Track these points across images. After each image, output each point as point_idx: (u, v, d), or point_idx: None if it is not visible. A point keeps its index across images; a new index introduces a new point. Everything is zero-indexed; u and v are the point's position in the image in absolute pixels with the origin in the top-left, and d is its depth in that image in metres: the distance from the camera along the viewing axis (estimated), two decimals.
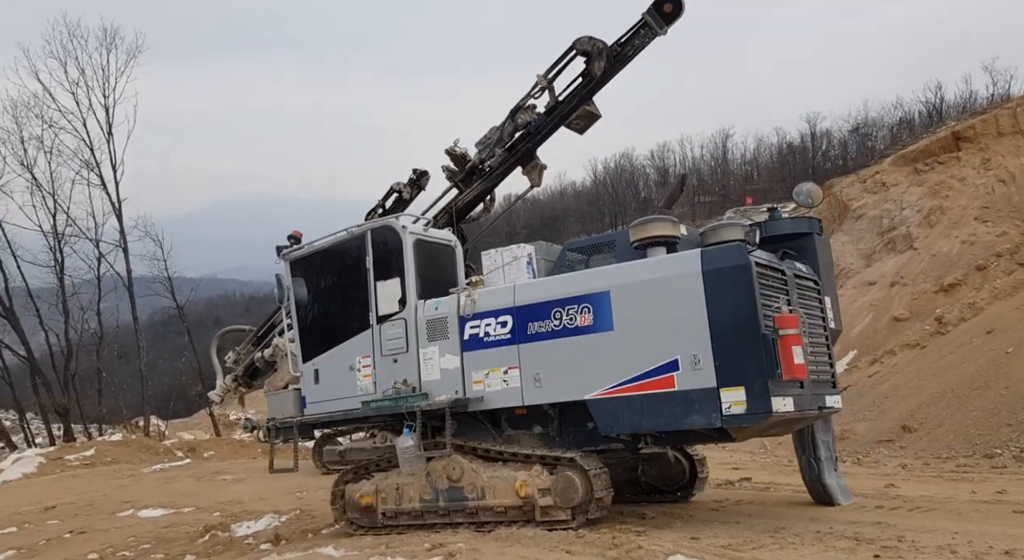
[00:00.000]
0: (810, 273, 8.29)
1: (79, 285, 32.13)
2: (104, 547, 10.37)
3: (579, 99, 9.28)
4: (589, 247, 8.38)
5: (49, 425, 30.57)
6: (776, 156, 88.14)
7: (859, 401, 19.05)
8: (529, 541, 7.03)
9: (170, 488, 15.26)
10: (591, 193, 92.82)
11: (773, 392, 6.75)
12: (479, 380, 7.97)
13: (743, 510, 8.64)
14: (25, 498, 16.12)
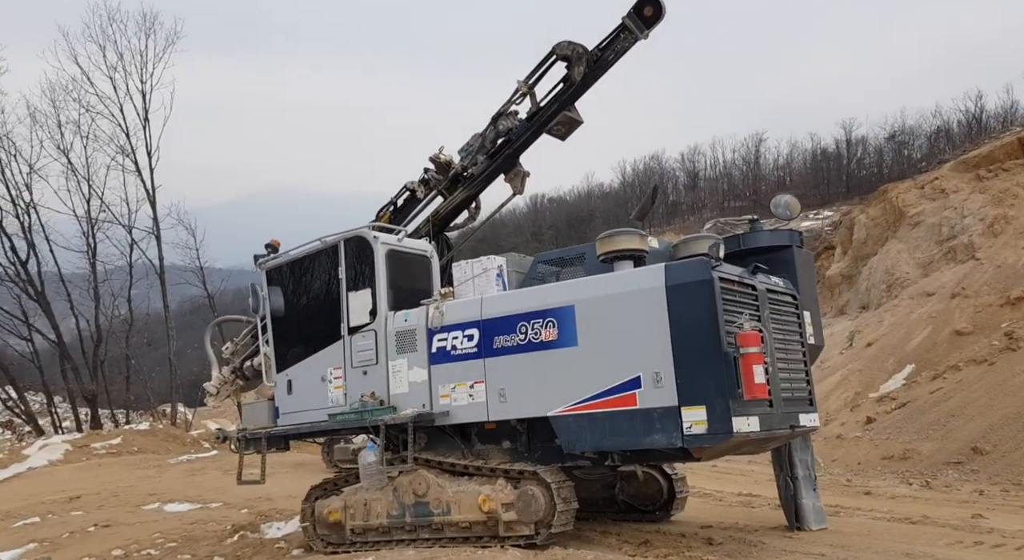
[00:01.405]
0: (787, 287, 8.01)
1: (111, 271, 32.11)
2: (129, 543, 10.17)
3: (559, 105, 9.09)
4: (560, 260, 8.19)
5: (76, 410, 30.68)
6: (809, 162, 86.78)
7: (921, 419, 17.84)
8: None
9: (196, 481, 14.90)
10: (619, 194, 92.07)
11: (735, 412, 6.52)
12: (446, 394, 7.83)
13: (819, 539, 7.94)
14: (50, 486, 16.04)
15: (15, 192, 29.22)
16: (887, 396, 19.92)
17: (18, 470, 19.13)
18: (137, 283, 31.94)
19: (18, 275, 28.97)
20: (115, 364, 31.83)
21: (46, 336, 29.92)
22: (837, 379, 23.17)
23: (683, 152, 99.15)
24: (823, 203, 75.87)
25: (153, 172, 31.11)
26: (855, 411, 20.03)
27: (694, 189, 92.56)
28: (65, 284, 30.31)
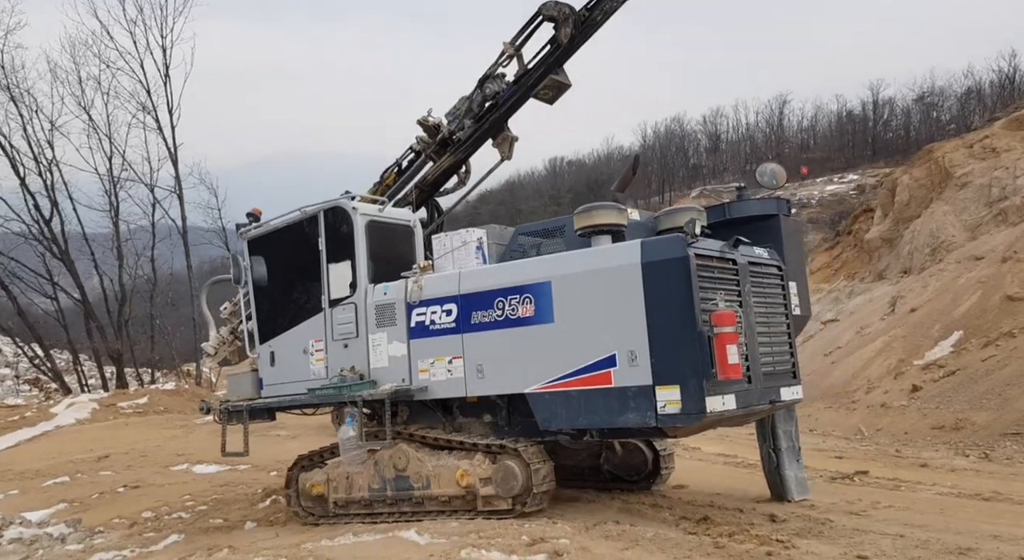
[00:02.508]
0: (772, 258, 7.76)
1: (134, 231, 31.92)
2: (159, 505, 10.17)
3: (546, 68, 8.79)
4: (541, 232, 7.98)
5: (102, 369, 30.92)
6: (835, 124, 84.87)
7: (973, 387, 16.95)
8: (650, 544, 6.31)
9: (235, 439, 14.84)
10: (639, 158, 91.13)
11: (709, 391, 6.38)
12: (425, 369, 7.72)
13: (890, 516, 7.57)
14: (78, 445, 16.05)
15: (37, 149, 28.97)
16: (934, 364, 19.06)
17: (46, 428, 19.09)
18: (160, 243, 31.80)
19: (42, 233, 28.84)
20: (139, 323, 31.81)
21: (71, 294, 29.91)
22: (879, 346, 22.40)
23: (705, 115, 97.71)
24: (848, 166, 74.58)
25: (175, 130, 30.72)
26: (899, 379, 19.31)
27: (715, 152, 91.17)
28: (89, 243, 30.16)
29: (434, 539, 6.41)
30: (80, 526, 9.54)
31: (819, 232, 54.12)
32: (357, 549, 6.37)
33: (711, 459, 11.69)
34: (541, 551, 5.81)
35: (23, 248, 29.21)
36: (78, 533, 9.26)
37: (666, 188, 79.94)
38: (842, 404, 19.74)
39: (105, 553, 7.99)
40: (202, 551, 7.10)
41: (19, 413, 21.33)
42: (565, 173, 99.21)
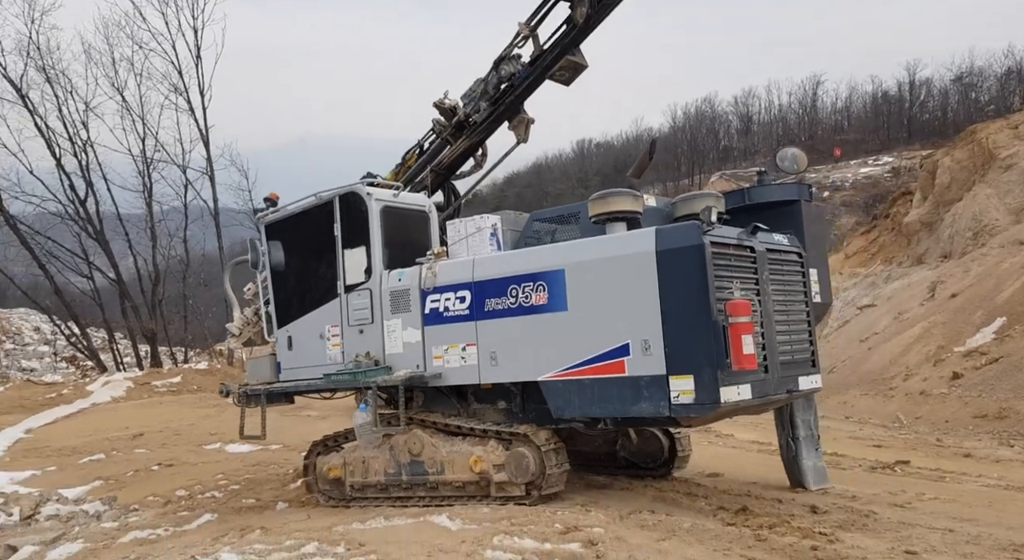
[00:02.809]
0: (792, 245, 7.58)
1: (167, 212, 32.26)
2: (192, 483, 10.27)
3: (562, 48, 8.61)
4: (556, 218, 7.84)
5: (136, 348, 31.31)
6: (870, 105, 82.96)
7: (1017, 376, 16.29)
8: (687, 535, 6.13)
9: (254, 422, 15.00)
10: (668, 139, 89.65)
11: (723, 381, 6.26)
12: (439, 355, 7.67)
13: (937, 509, 7.28)
14: (113, 422, 16.26)
15: (72, 130, 29.19)
16: (976, 351, 18.38)
17: (82, 406, 19.34)
18: (192, 224, 31.96)
19: (77, 213, 29.12)
20: (172, 303, 32.10)
21: (106, 274, 30.20)
22: (918, 332, 21.73)
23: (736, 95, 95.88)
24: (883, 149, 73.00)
25: (206, 111, 30.72)
26: (939, 366, 18.73)
27: (747, 134, 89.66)
28: (123, 223, 30.42)
29: (465, 525, 6.34)
30: (115, 504, 9.69)
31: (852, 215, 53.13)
32: (388, 533, 6.34)
33: (745, 447, 11.47)
34: (575, 540, 5.69)
35: (59, 228, 29.59)
36: (113, 511, 9.40)
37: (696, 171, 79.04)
38: (879, 391, 19.26)
39: (140, 531, 8.06)
40: (235, 531, 7.10)
41: (56, 390, 21.62)
42: (593, 155, 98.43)
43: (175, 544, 6.97)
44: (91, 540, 7.88)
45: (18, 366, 40.67)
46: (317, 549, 5.79)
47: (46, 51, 28.87)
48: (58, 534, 8.27)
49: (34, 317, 49.61)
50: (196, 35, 30.54)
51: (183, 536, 7.73)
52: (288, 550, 5.82)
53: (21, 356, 43.01)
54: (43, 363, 41.94)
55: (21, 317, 49.92)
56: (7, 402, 20.31)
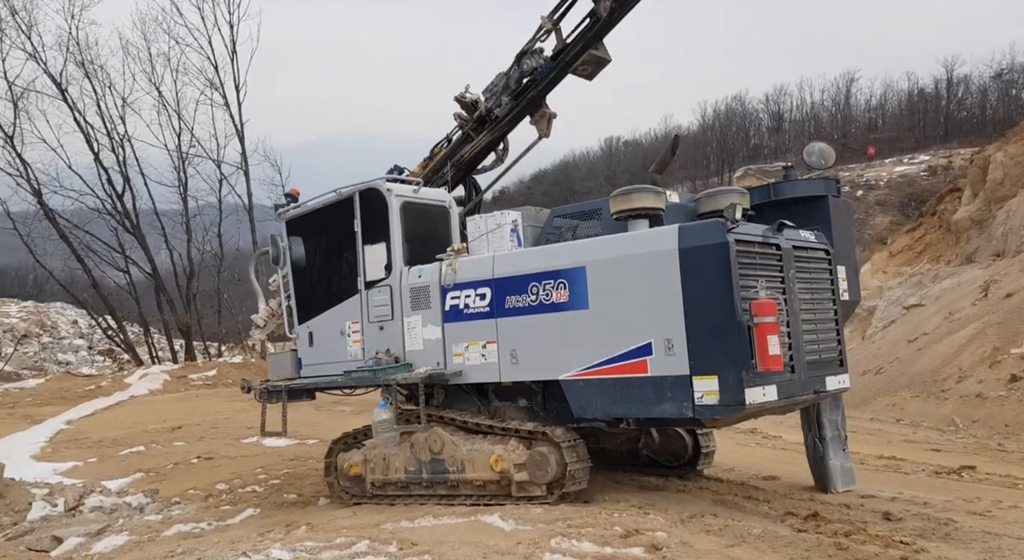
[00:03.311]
0: (820, 241, 7.34)
1: (202, 207, 32.26)
2: (232, 477, 10.22)
3: (585, 42, 8.41)
4: (577, 214, 7.66)
5: (171, 342, 31.43)
6: (905, 103, 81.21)
7: None
8: (759, 542, 5.85)
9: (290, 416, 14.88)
10: (698, 137, 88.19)
11: (748, 383, 6.06)
12: (459, 353, 7.54)
13: (1020, 518, 7.03)
14: (151, 415, 16.30)
15: (110, 125, 29.39)
16: None
17: (121, 398, 19.45)
18: (226, 218, 31.98)
19: (115, 208, 29.30)
20: (206, 297, 32.14)
21: (142, 268, 30.30)
22: (971, 332, 21.13)
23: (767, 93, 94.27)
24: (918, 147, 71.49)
25: (241, 106, 30.69)
26: (995, 368, 18.21)
27: (778, 132, 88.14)
28: (159, 217, 30.49)
29: (519, 525, 6.14)
30: (157, 496, 9.65)
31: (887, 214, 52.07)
32: (440, 532, 6.17)
33: (796, 449, 10.93)
34: (637, 544, 5.45)
35: (95, 223, 29.77)
36: (156, 503, 9.37)
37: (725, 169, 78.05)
38: (931, 393, 18.79)
39: (183, 525, 8.02)
40: (280, 527, 7.01)
41: (95, 383, 21.83)
42: (621, 153, 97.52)
43: (220, 538, 6.87)
44: (136, 533, 7.85)
45: (54, 359, 41.25)
46: (369, 548, 5.64)
47: (85, 46, 29.16)
48: (102, 526, 8.24)
49: (70, 311, 50.34)
50: (232, 30, 30.54)
51: (227, 530, 7.67)
52: (339, 548, 5.69)
53: (57, 349, 43.63)
54: (78, 357, 42.51)
55: (57, 311, 50.68)
56: (47, 394, 20.59)
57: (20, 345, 40.21)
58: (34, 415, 16.98)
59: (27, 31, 27.95)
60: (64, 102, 28.46)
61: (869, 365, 23.67)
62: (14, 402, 19.42)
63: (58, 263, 30.60)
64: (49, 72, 28.24)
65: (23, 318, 46.79)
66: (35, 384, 22.96)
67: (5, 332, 42.80)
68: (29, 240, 28.60)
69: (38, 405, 18.90)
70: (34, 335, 43.98)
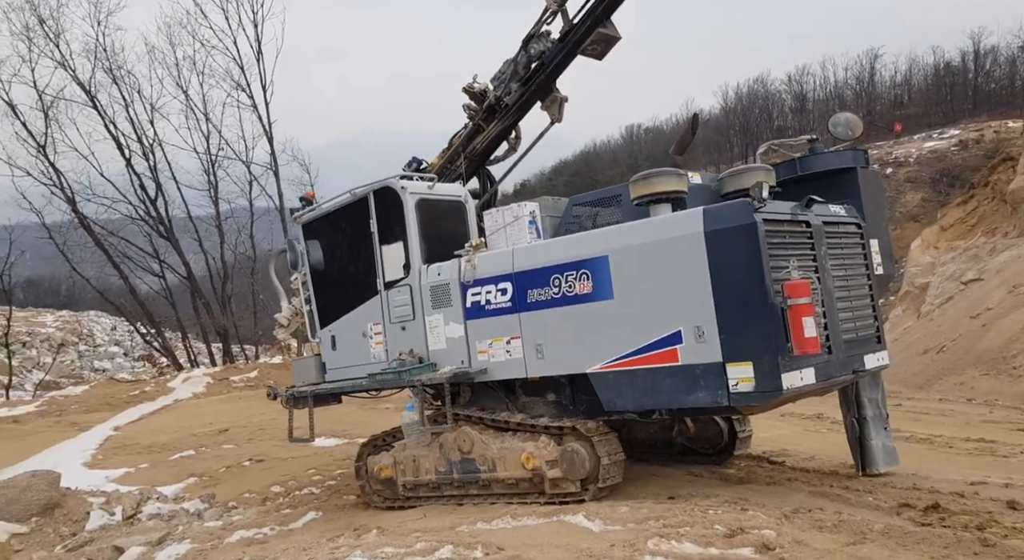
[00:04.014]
0: (850, 215, 7.00)
1: (233, 210, 31.83)
2: (286, 479, 10.01)
3: (593, 20, 8.06)
4: (596, 201, 7.37)
5: (209, 345, 31.24)
6: (931, 78, 79.30)
7: None
8: (884, 538, 5.35)
9: (335, 415, 13.67)
10: (720, 121, 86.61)
11: (785, 367, 5.77)
12: (483, 350, 7.29)
13: None
14: (197, 418, 16.10)
15: (140, 130, 29.16)
16: None
17: (165, 402, 19.29)
18: (257, 220, 31.51)
19: (148, 213, 29.07)
20: (240, 299, 31.88)
21: (176, 272, 30.07)
22: None
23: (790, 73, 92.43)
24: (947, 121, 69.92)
25: (268, 106, 30.05)
26: None
27: (801, 112, 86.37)
28: (193, 221, 30.17)
29: (607, 525, 5.75)
30: (214, 501, 9.46)
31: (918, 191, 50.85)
32: (524, 534, 5.80)
33: None
34: (745, 543, 5.02)
35: (128, 229, 29.63)
36: (214, 509, 9.18)
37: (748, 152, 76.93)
38: (1001, 370, 17.96)
39: (245, 531, 7.81)
40: (348, 532, 6.72)
41: (139, 388, 21.69)
42: (642, 140, 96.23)
43: (288, 544, 6.64)
44: (198, 540, 7.64)
45: (91, 367, 41.59)
46: (453, 553, 5.32)
47: (112, 53, 28.93)
48: (163, 534, 8.06)
49: (105, 319, 50.70)
50: (256, 30, 29.82)
51: (291, 535, 7.45)
52: (421, 554, 5.38)
53: (94, 357, 44.00)
54: (115, 363, 42.82)
55: (92, 319, 51.07)
56: (93, 400, 20.48)
57: (58, 354, 40.57)
58: (81, 422, 16.87)
59: (55, 39, 27.86)
60: (94, 109, 28.30)
61: (930, 343, 22.84)
62: (61, 410, 19.34)
63: (93, 271, 30.56)
64: (78, 79, 28.13)
65: (59, 327, 47.14)
66: (80, 391, 22.96)
67: (43, 342, 43.19)
68: (65, 248, 28.58)
69: (84, 412, 18.78)
70: (70, 344, 44.35)
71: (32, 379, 35.77)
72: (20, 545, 8.39)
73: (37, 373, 37.31)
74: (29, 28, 27.52)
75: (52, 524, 8.82)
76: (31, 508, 8.85)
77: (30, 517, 8.80)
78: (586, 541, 5.38)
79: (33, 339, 42.48)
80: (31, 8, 27.58)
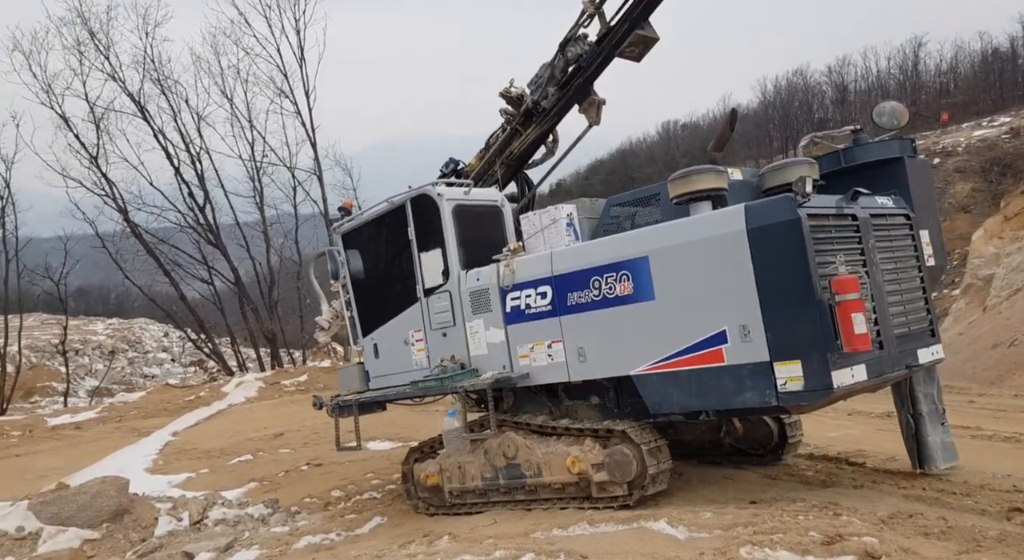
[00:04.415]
0: (898, 207, 6.77)
1: (279, 215, 31.88)
2: (345, 483, 9.98)
3: (631, 23, 7.91)
4: (635, 201, 7.23)
5: (258, 350, 31.20)
6: (978, 65, 76.64)
7: None
8: (1002, 546, 5.00)
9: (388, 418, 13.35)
10: (759, 115, 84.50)
11: (834, 365, 5.60)
12: (525, 354, 7.19)
13: None
14: (251, 423, 16.16)
15: (188, 139, 29.42)
16: None
17: (220, 407, 19.43)
18: (302, 225, 31.45)
19: (197, 221, 29.36)
20: (286, 304, 31.81)
21: (225, 279, 30.25)
22: None
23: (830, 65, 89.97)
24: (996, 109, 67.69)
25: (312, 112, 29.96)
26: None
27: (843, 104, 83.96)
28: (240, 227, 30.32)
29: (693, 532, 5.48)
30: (278, 506, 9.44)
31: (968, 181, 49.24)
32: (606, 542, 5.55)
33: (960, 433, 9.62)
34: (846, 551, 4.75)
35: (177, 237, 29.90)
36: (278, 514, 9.16)
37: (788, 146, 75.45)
38: None
39: (312, 536, 7.78)
40: (419, 538, 6.57)
41: (195, 393, 21.91)
42: (679, 137, 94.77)
43: (359, 551, 6.52)
44: (266, 546, 7.65)
45: (140, 373, 42.33)
46: None
47: (159, 63, 29.24)
48: (230, 539, 8.07)
49: (154, 326, 51.66)
50: (299, 36, 29.76)
51: (359, 541, 7.37)
52: None
53: (143, 363, 44.81)
54: (162, 369, 43.56)
55: (141, 326, 52.04)
56: (150, 406, 20.77)
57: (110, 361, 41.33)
58: (141, 428, 17.13)
59: (105, 52, 28.25)
60: (143, 120, 28.70)
61: (999, 338, 22.02)
62: (120, 416, 19.67)
63: (145, 279, 30.93)
64: (128, 90, 28.47)
65: (109, 335, 48.15)
66: (138, 397, 23.34)
67: (94, 349, 44.11)
68: (118, 257, 29.03)
69: (143, 418, 19.07)
70: (121, 351, 45.25)
71: (85, 386, 36.58)
72: (92, 551, 8.48)
73: (90, 380, 38.15)
74: (80, 42, 28.05)
75: (122, 530, 8.90)
76: (101, 514, 8.94)
77: (101, 523, 8.90)
78: (673, 549, 5.17)
79: (85, 347, 43.39)
80: (82, 22, 28.09)
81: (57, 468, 12.78)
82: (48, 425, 18.51)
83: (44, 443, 16.39)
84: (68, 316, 32.96)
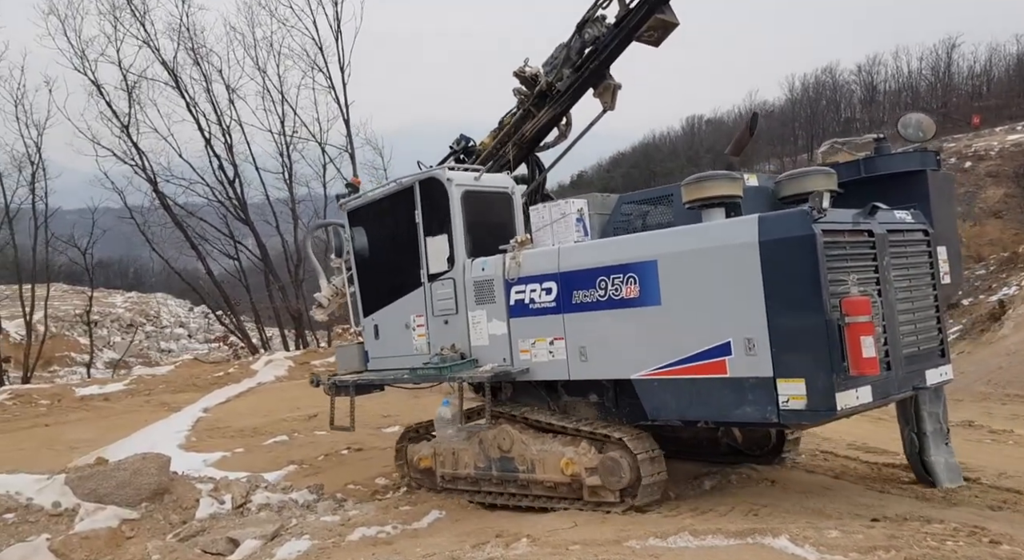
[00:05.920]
0: (917, 222, 6.52)
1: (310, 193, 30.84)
2: (388, 470, 9.32)
3: (650, 6, 7.64)
4: (647, 200, 7.02)
5: (283, 329, 30.51)
6: (1013, 68, 74.14)
7: None
8: None
9: (421, 403, 12.88)
10: (786, 113, 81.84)
11: (839, 387, 5.43)
12: (526, 349, 7.06)
13: None
14: (283, 403, 15.39)
15: (219, 111, 28.65)
16: None
17: (250, 385, 18.63)
18: (331, 203, 31.10)
19: (226, 194, 28.73)
20: (313, 283, 31.43)
21: (252, 255, 29.67)
22: None
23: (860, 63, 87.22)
24: None
25: (346, 87, 28.83)
26: None
27: (871, 104, 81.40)
28: (270, 202, 29.58)
29: (824, 554, 4.79)
30: (323, 493, 8.86)
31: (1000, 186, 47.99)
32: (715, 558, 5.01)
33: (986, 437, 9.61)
34: None
35: (204, 211, 29.35)
36: (325, 501, 8.58)
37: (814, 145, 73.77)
38: None
39: (367, 528, 7.10)
40: (493, 540, 6.02)
41: (223, 369, 21.28)
42: (703, 132, 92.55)
43: (424, 550, 6.02)
44: (317, 536, 7.09)
45: (157, 348, 42.26)
46: None
47: (194, 32, 28.33)
48: (276, 527, 7.52)
49: (171, 301, 51.39)
50: (336, 8, 28.50)
51: (418, 537, 6.83)
52: None
53: (160, 338, 44.71)
54: (179, 345, 43.50)
55: (159, 301, 51.63)
56: (179, 381, 20.14)
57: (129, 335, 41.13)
58: (171, 402, 16.58)
59: (141, 18, 27.42)
60: (176, 89, 27.89)
61: None
62: (149, 389, 19.09)
63: (172, 252, 30.29)
64: (162, 58, 27.70)
65: (127, 308, 47.99)
66: (166, 371, 22.61)
67: (112, 322, 43.94)
68: (146, 228, 28.57)
69: (172, 392, 18.47)
70: (139, 325, 45.06)
71: (103, 357, 36.44)
72: (131, 532, 7.99)
73: (108, 352, 37.95)
74: (116, 7, 27.27)
75: (162, 510, 8.39)
76: (141, 492, 8.41)
77: (140, 502, 8.38)
78: None
79: (104, 319, 42.89)
80: None
81: (87, 440, 12.48)
82: (76, 395, 18.01)
83: (73, 413, 16.00)
84: (93, 287, 32.73)
